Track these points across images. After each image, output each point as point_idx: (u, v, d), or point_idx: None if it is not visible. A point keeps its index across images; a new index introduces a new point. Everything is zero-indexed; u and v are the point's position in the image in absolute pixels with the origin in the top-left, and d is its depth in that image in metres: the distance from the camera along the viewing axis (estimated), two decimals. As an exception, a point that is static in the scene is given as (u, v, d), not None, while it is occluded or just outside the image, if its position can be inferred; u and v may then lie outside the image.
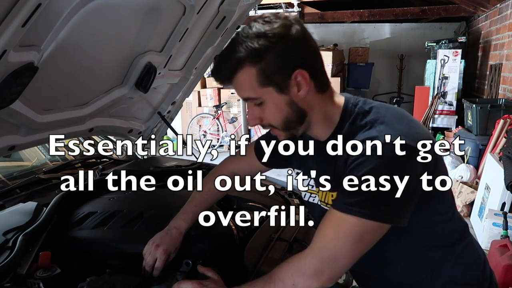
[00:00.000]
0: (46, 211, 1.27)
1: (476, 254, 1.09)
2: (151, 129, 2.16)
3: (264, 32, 0.86)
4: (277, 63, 0.87)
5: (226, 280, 1.05)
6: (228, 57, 0.89)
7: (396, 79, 7.83)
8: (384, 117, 0.92)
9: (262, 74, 0.88)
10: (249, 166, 1.29)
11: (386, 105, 1.00)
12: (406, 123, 0.92)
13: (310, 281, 0.89)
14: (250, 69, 0.88)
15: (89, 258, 1.19)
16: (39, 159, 2.12)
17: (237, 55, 0.87)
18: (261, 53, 0.86)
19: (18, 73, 1.08)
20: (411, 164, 0.87)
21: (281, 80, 0.89)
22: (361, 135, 0.91)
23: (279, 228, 1.40)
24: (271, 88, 0.90)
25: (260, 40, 0.86)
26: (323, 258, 0.89)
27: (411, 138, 0.87)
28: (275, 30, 0.86)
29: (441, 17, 6.61)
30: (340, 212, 0.88)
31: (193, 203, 1.24)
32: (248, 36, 0.87)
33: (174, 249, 1.14)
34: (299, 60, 0.89)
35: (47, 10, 1.00)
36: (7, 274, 0.99)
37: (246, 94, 0.92)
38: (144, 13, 1.40)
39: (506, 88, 4.48)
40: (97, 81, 1.56)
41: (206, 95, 6.63)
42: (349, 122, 0.96)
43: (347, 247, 0.88)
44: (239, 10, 1.79)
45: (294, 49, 0.88)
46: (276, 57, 0.87)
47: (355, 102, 0.99)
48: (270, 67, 0.87)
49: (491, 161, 3.45)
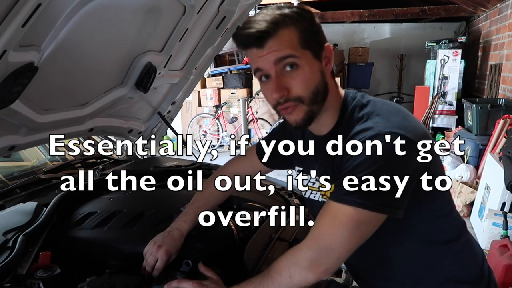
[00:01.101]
0: (46, 211, 1.27)
1: (474, 252, 1.09)
2: (151, 129, 2.16)
3: (292, 8, 0.92)
4: (314, 31, 0.93)
5: (226, 280, 1.05)
6: (271, 14, 0.90)
7: (396, 79, 7.83)
8: (380, 110, 0.94)
9: (303, 36, 0.90)
10: (250, 167, 1.30)
11: (383, 100, 1.01)
12: (401, 117, 0.93)
13: (306, 273, 0.89)
14: (293, 28, 0.90)
15: (89, 258, 1.18)
16: (39, 159, 2.12)
17: (284, 12, 0.90)
18: (302, 17, 0.91)
19: (18, 73, 1.08)
20: (405, 154, 0.87)
21: (317, 47, 0.93)
22: (357, 127, 0.92)
23: (279, 228, 1.40)
24: (308, 51, 0.91)
25: (295, 9, 0.92)
26: (319, 249, 0.89)
27: (406, 130, 0.88)
28: (299, 11, 0.92)
29: (441, 17, 6.61)
30: (336, 202, 0.88)
31: (195, 204, 1.25)
32: (283, 7, 0.92)
33: (175, 250, 1.14)
34: (324, 36, 0.96)
35: (47, 10, 1.00)
36: (7, 274, 0.99)
37: (287, 51, 0.89)
38: (144, 13, 1.40)
39: (506, 88, 4.48)
40: (97, 81, 1.56)
41: (206, 95, 6.63)
42: (347, 114, 0.97)
43: (343, 237, 0.87)
44: (239, 10, 1.79)
45: (319, 27, 0.95)
46: (312, 26, 0.93)
47: (354, 95, 1.01)
48: (310, 32, 0.92)
49: (491, 161, 3.45)
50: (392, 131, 0.87)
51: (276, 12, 0.90)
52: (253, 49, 0.90)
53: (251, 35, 0.88)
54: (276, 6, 0.93)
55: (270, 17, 0.89)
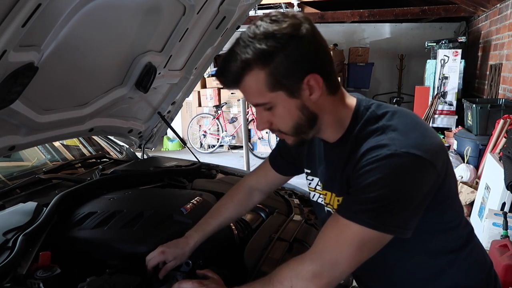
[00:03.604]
0: (46, 211, 1.27)
1: (481, 258, 1.06)
2: (151, 129, 2.16)
3: (272, 32, 0.80)
4: (288, 66, 0.82)
5: (226, 280, 1.05)
6: (234, 59, 0.83)
7: (396, 79, 7.83)
8: (397, 124, 0.88)
9: (272, 77, 0.83)
10: (264, 178, 1.27)
11: (401, 110, 0.94)
12: (420, 132, 0.88)
13: (308, 285, 0.87)
14: (259, 72, 0.83)
15: (89, 258, 1.18)
16: (39, 159, 2.12)
17: (245, 57, 0.82)
18: (270, 55, 0.81)
19: (18, 73, 1.08)
20: (420, 176, 0.84)
21: (292, 83, 0.84)
22: (371, 141, 0.87)
23: (279, 228, 1.40)
24: (281, 92, 0.85)
25: (268, 41, 0.80)
26: (322, 262, 0.87)
27: (424, 149, 0.84)
28: (284, 30, 0.80)
29: (441, 17, 6.61)
30: (344, 218, 0.86)
31: (208, 215, 1.24)
32: (255, 37, 0.81)
33: (175, 255, 1.13)
34: (311, 63, 0.84)
35: (47, 10, 1.00)
36: (7, 274, 0.99)
37: (255, 100, 0.88)
38: (144, 13, 1.40)
39: (506, 88, 4.48)
40: (97, 81, 1.56)
41: (206, 95, 6.63)
42: (360, 126, 0.92)
43: (347, 253, 0.86)
44: (239, 10, 1.79)
45: (305, 50, 0.82)
46: (286, 59, 0.81)
47: (367, 105, 0.94)
48: (280, 70, 0.82)
49: (491, 161, 3.45)
50: (409, 152, 0.82)
51: (243, 57, 0.82)
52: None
53: (223, 84, 0.89)
54: (247, 36, 0.83)
55: (234, 64, 0.83)
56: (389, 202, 0.83)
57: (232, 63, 0.84)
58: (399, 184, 0.82)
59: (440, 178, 0.88)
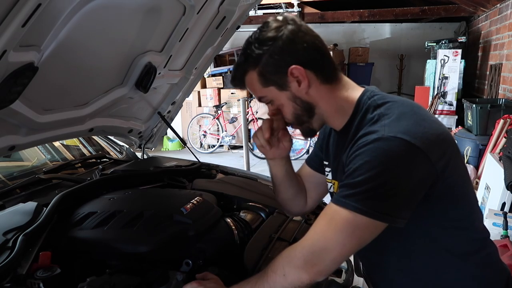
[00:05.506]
0: (46, 211, 1.26)
1: (497, 269, 1.04)
2: (151, 129, 2.16)
3: (259, 38, 0.96)
4: (272, 63, 0.95)
5: (226, 280, 1.05)
6: (237, 66, 1.02)
7: (396, 79, 7.83)
8: (393, 112, 0.90)
9: (262, 76, 0.98)
10: (303, 174, 1.27)
11: (403, 100, 0.97)
12: (414, 120, 0.88)
13: (299, 272, 0.89)
14: (252, 73, 0.98)
15: (89, 258, 1.18)
16: (39, 159, 2.12)
17: (241, 63, 1.00)
18: (257, 58, 0.96)
19: (18, 73, 1.08)
20: (408, 162, 0.84)
21: (279, 78, 0.97)
22: (365, 129, 0.91)
23: (279, 228, 1.40)
24: (272, 87, 0.98)
25: (256, 47, 0.96)
26: (313, 249, 0.89)
27: (413, 136, 0.84)
28: (267, 35, 0.95)
29: (441, 17, 6.62)
30: (335, 204, 0.88)
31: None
32: (249, 45, 0.98)
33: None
34: (292, 57, 0.95)
35: (47, 10, 1.00)
36: (7, 274, 0.99)
37: (256, 94, 1.03)
38: (144, 13, 1.40)
39: (506, 88, 4.48)
40: (97, 81, 1.56)
41: (206, 95, 6.64)
42: (361, 114, 0.95)
43: (338, 240, 0.87)
44: (239, 10, 1.79)
45: (286, 47, 0.94)
46: (271, 58, 0.95)
47: (371, 94, 0.98)
48: (267, 69, 0.96)
49: (491, 161, 3.45)
50: (396, 136, 0.83)
51: (241, 63, 1.00)
52: None
53: (235, 87, 1.09)
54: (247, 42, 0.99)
55: (237, 70, 1.02)
56: (375, 185, 0.83)
57: (235, 69, 1.03)
58: (385, 167, 0.83)
59: (435, 169, 0.86)
